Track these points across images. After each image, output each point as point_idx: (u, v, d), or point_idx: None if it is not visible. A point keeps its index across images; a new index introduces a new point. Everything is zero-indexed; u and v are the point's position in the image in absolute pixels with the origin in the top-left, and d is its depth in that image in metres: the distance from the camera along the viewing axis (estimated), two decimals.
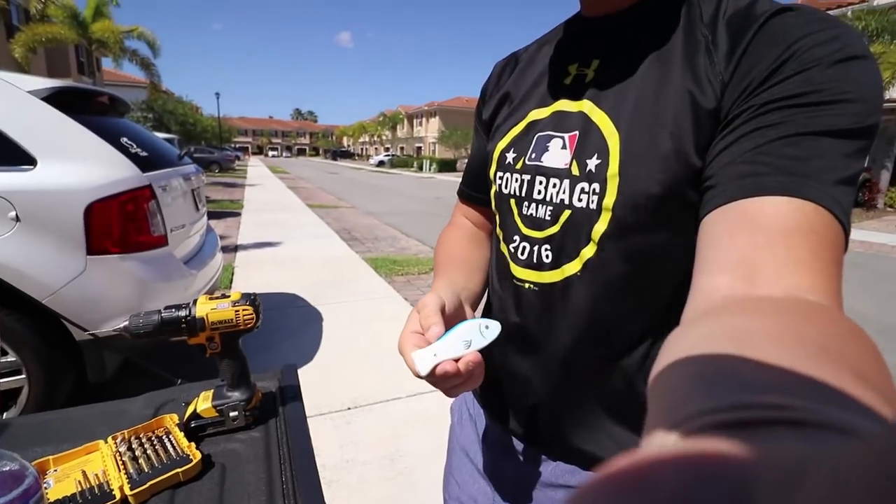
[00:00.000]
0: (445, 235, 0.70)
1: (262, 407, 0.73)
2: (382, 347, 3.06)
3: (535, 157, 0.52)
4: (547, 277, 0.50)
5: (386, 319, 3.63)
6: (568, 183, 0.48)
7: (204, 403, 0.68)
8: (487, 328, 0.45)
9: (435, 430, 2.12)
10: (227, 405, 0.68)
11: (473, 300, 0.59)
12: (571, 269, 0.49)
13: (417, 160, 40.73)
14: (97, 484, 0.55)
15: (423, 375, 0.43)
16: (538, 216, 0.51)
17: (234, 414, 0.68)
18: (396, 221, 8.74)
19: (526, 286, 0.53)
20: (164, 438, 0.64)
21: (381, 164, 42.12)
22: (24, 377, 1.86)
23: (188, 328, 0.66)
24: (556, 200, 0.49)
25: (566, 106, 0.51)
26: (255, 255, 5.67)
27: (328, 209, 10.33)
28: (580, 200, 0.47)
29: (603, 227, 0.45)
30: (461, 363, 0.42)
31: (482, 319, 0.46)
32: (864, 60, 0.36)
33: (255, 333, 0.70)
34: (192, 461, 0.59)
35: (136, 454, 0.60)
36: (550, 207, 0.50)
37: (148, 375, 2.41)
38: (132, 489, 0.54)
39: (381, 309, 3.87)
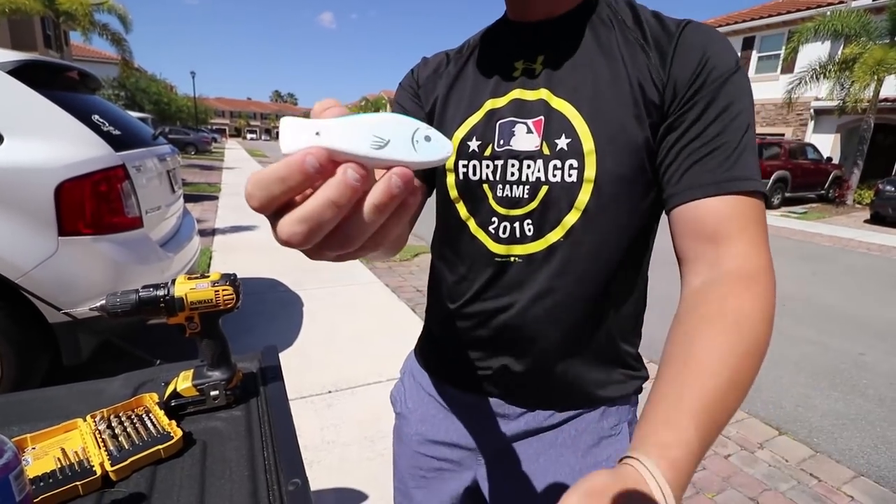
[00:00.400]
0: None
1: (242, 387, 0.73)
2: (363, 332, 3.07)
3: (503, 143, 0.56)
4: (532, 248, 0.56)
5: (368, 305, 3.64)
6: (541, 162, 0.54)
7: (184, 383, 0.68)
8: (428, 140, 0.24)
9: None
10: (207, 384, 0.69)
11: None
12: (555, 236, 0.55)
13: None
14: (77, 461, 0.55)
15: (284, 152, 0.23)
16: (514, 196, 0.56)
17: (214, 393, 0.69)
18: None
19: (511, 259, 0.57)
20: (144, 417, 0.64)
21: None
22: None
23: (167, 308, 0.66)
24: (532, 179, 0.55)
25: (523, 95, 0.56)
26: (233, 239, 5.57)
27: None
28: (555, 176, 0.53)
29: (587, 196, 0.53)
30: (384, 178, 0.22)
31: (417, 122, 0.24)
32: (741, 70, 0.49)
33: (234, 317, 0.71)
34: (173, 438, 0.59)
35: (115, 432, 0.60)
36: (527, 186, 0.55)
37: (126, 358, 2.37)
38: (112, 465, 0.54)
39: (362, 295, 3.87)
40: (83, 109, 2.06)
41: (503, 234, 0.57)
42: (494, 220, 0.58)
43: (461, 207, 0.60)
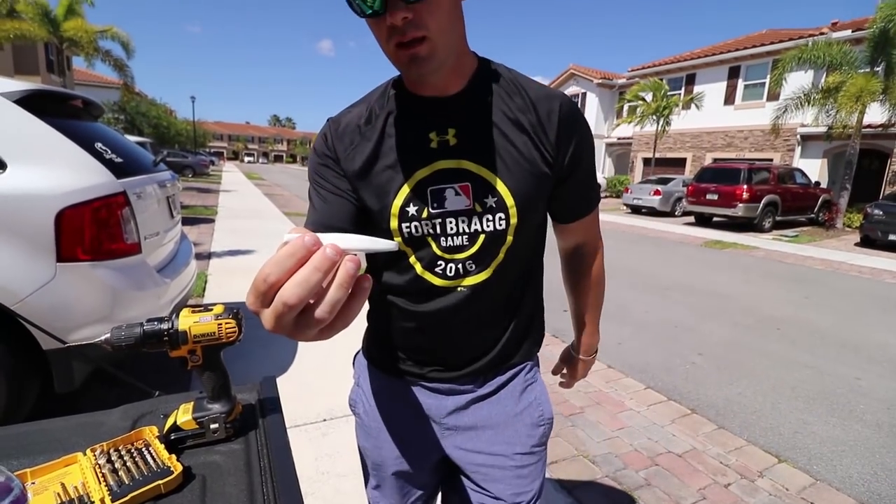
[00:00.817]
0: None
1: (242, 419, 0.74)
2: None
3: (436, 205, 0.70)
4: (476, 279, 0.74)
5: (362, 331, 3.61)
6: (476, 217, 0.71)
7: (184, 415, 0.69)
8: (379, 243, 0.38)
9: None
10: (207, 417, 0.69)
11: None
12: (491, 269, 0.74)
13: None
14: (77, 496, 0.55)
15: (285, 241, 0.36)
16: (456, 244, 0.72)
17: (214, 426, 0.69)
18: None
19: (458, 289, 0.75)
20: (143, 451, 0.64)
21: None
22: None
23: (170, 341, 0.67)
24: (469, 230, 0.71)
25: (446, 164, 0.70)
26: (229, 262, 5.56)
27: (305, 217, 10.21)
28: (489, 226, 0.71)
29: (512, 237, 0.73)
30: (342, 263, 0.34)
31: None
32: (584, 118, 0.74)
33: None
34: (173, 473, 0.59)
35: (115, 466, 0.60)
36: (466, 236, 0.72)
37: (118, 385, 2.34)
38: (113, 501, 0.54)
39: (357, 320, 3.84)
40: (86, 137, 2.10)
41: (450, 272, 0.74)
42: (441, 262, 0.73)
43: (408, 251, 0.74)
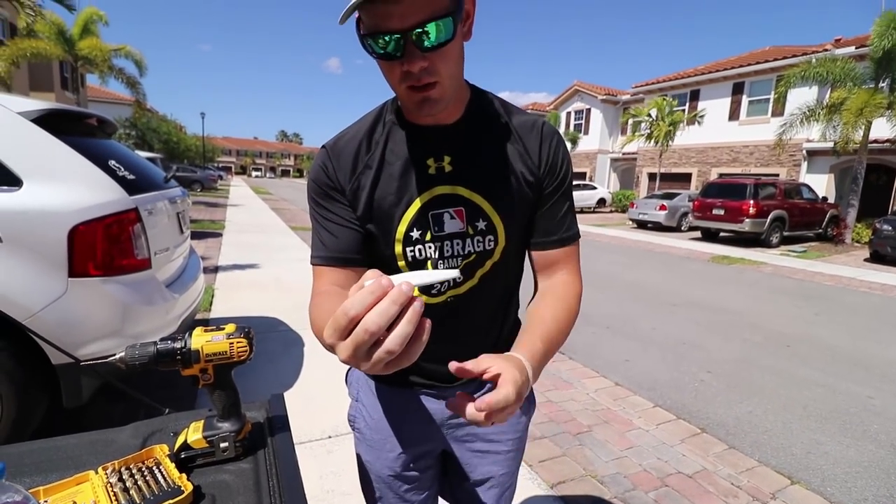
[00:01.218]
0: (321, 310, 0.67)
1: (250, 437, 0.74)
2: None
3: (437, 230, 0.76)
4: (461, 290, 0.80)
5: None
6: (469, 239, 0.77)
7: (195, 434, 0.69)
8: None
9: None
10: (217, 436, 0.70)
11: None
12: (477, 277, 0.80)
13: None
14: None
15: (415, 283, 0.44)
16: (450, 266, 0.78)
17: (224, 445, 0.70)
18: None
19: (447, 300, 0.80)
20: (154, 469, 0.65)
21: None
22: None
23: (182, 360, 0.68)
24: (463, 252, 0.78)
25: (443, 190, 0.75)
26: (235, 276, 5.60)
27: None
28: (479, 247, 0.78)
29: (498, 256, 0.79)
30: (409, 308, 0.42)
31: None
32: (567, 150, 0.80)
33: None
34: (183, 492, 0.60)
35: (127, 485, 0.61)
36: (460, 258, 0.78)
37: (125, 401, 2.35)
38: None
39: None
40: (100, 154, 2.14)
41: (442, 289, 0.79)
42: (437, 284, 0.78)
43: None
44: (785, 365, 3.82)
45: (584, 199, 19.86)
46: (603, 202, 21.04)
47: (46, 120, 1.97)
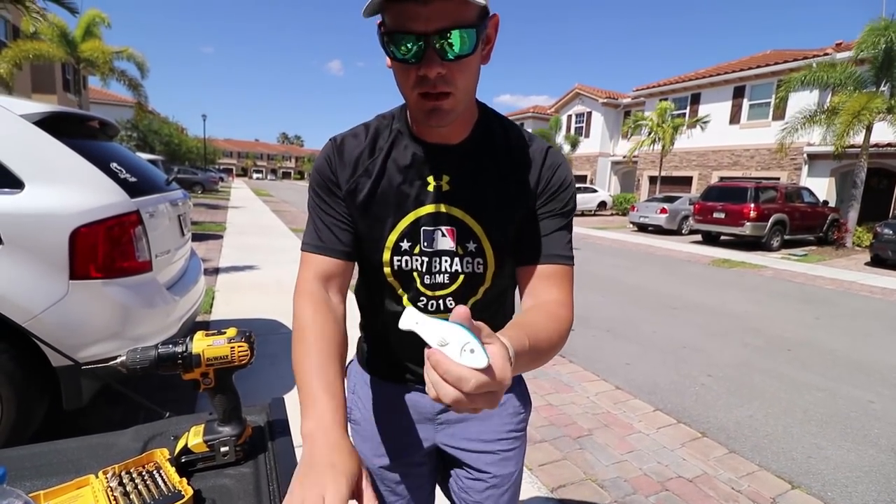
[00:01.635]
0: (305, 346, 0.69)
1: (251, 442, 0.74)
2: None
3: (427, 244, 0.77)
4: None
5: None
6: (458, 259, 0.78)
7: (195, 438, 0.69)
8: (472, 352, 0.42)
9: None
10: (218, 440, 0.70)
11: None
12: (469, 304, 0.78)
13: None
14: None
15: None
16: (437, 282, 0.79)
17: (224, 449, 0.70)
18: None
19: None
20: (154, 473, 0.65)
21: None
22: None
23: (184, 364, 0.68)
24: (451, 270, 0.78)
25: (438, 208, 0.76)
26: (236, 278, 5.60)
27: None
28: (468, 268, 0.78)
29: (488, 281, 0.80)
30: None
31: (471, 336, 0.43)
32: (572, 181, 0.80)
33: None
34: (183, 497, 0.60)
35: (127, 489, 0.61)
36: (448, 275, 0.79)
37: (125, 403, 2.35)
38: None
39: (350, 330, 3.84)
40: (102, 157, 2.15)
41: (431, 307, 0.80)
42: (423, 298, 0.80)
43: (396, 285, 0.80)
44: (785, 369, 3.81)
45: (584, 202, 19.86)
46: (604, 205, 21.05)
47: (48, 122, 1.97)
